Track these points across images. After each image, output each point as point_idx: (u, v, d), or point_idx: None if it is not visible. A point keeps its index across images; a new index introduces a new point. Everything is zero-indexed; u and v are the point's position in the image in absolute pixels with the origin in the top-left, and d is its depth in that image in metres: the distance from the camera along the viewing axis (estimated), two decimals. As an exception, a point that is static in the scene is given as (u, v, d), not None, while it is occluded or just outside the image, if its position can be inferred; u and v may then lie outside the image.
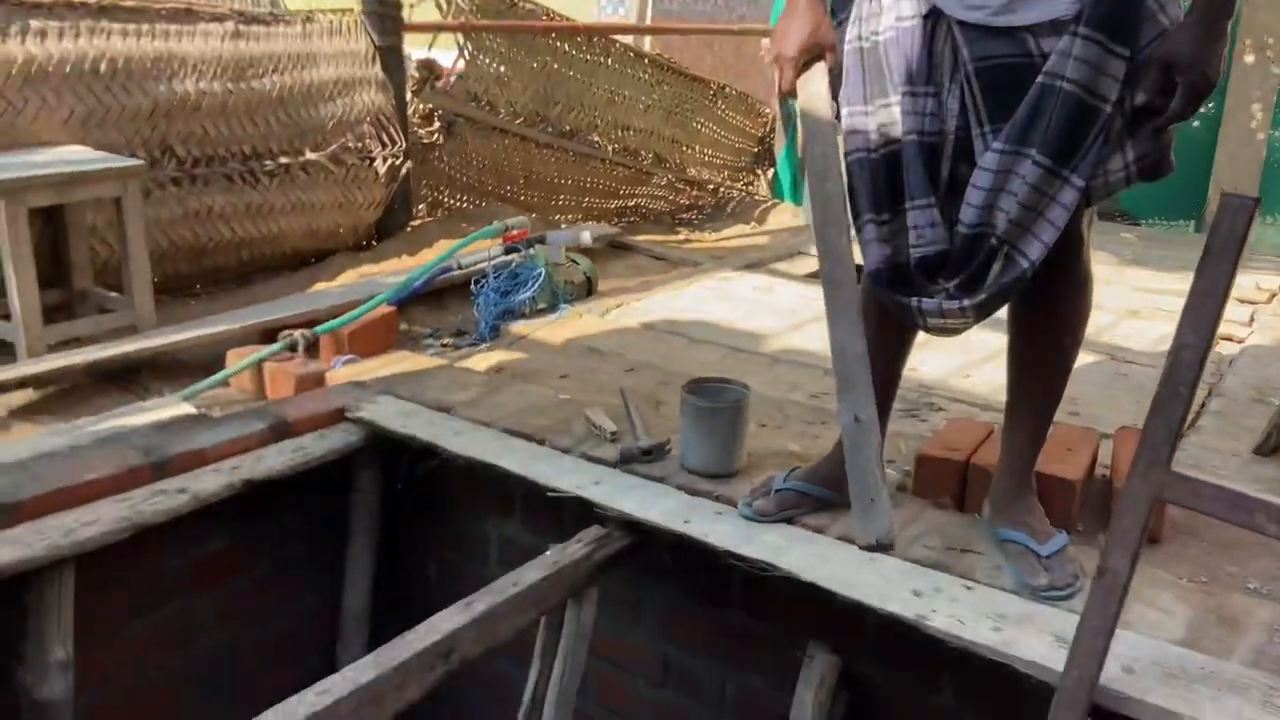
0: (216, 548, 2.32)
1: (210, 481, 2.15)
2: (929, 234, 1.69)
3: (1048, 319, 1.77)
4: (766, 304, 3.77)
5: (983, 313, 1.69)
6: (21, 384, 2.63)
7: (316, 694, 1.47)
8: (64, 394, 2.73)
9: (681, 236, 5.76)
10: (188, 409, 2.51)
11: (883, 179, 1.71)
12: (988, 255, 1.65)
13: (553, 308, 3.56)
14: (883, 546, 1.60)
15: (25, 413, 2.61)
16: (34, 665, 1.91)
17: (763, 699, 2.10)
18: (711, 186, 6.69)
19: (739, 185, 6.95)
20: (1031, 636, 1.57)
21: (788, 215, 6.44)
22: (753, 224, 6.32)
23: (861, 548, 1.66)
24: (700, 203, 6.54)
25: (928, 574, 1.76)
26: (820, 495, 1.97)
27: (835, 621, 1.95)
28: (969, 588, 1.72)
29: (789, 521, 1.96)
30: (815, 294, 3.94)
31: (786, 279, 4.15)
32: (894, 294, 1.76)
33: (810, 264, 4.57)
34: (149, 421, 2.39)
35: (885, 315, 1.84)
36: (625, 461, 2.21)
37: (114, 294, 3.29)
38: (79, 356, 2.77)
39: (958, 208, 1.66)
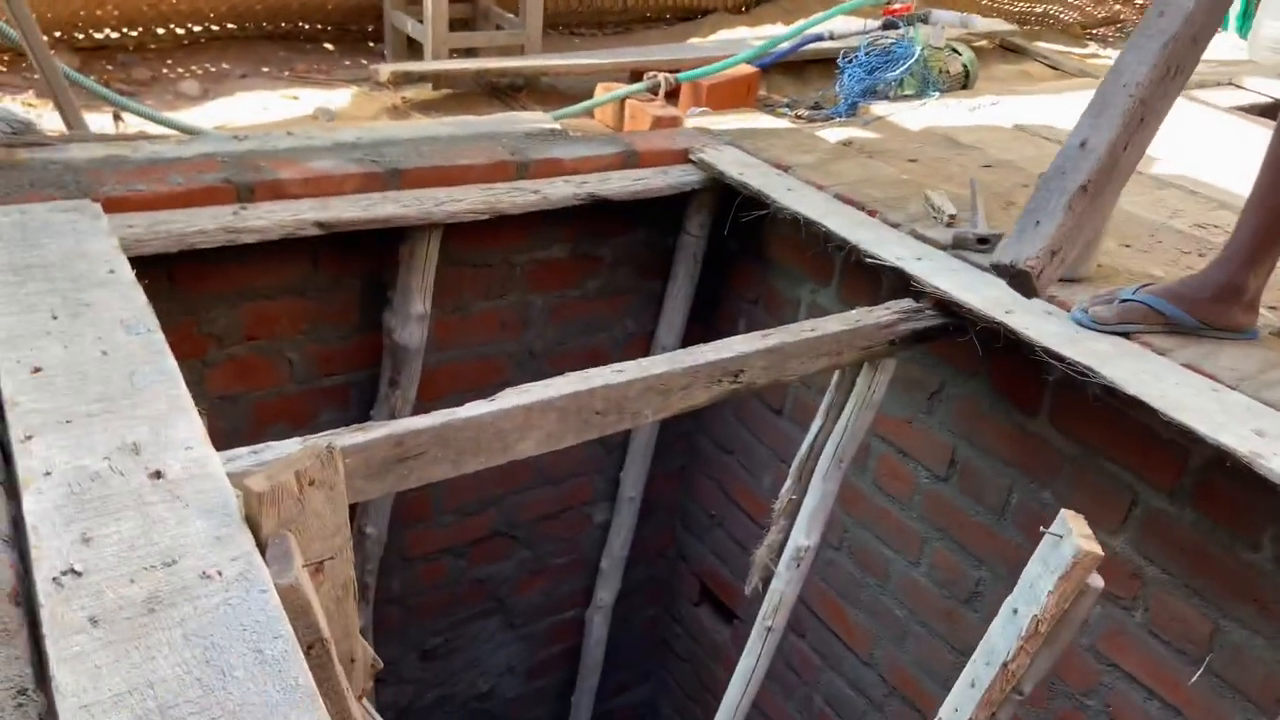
0: (558, 256, 2.53)
1: (560, 189, 2.32)
2: None
3: None
4: (1172, 126, 3.27)
5: None
6: (423, 78, 2.93)
7: (613, 371, 1.60)
8: (455, 97, 3.03)
9: (1088, 50, 5.09)
10: (554, 126, 2.68)
11: None
12: None
13: (920, 95, 3.34)
14: (1014, 273, 1.37)
15: (421, 106, 2.94)
16: (399, 312, 2.23)
17: (1050, 515, 1.99)
18: (1140, 1, 5.79)
19: (1175, 3, 5.95)
20: (1394, 506, 1.33)
21: (1226, 48, 5.46)
22: (1180, 49, 5.43)
23: (989, 266, 1.43)
24: (1122, 17, 5.71)
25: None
26: (1173, 315, 1.76)
27: (1154, 452, 1.78)
28: (1329, 443, 1.47)
29: (1126, 336, 1.77)
30: (1237, 126, 3.37)
31: (1205, 106, 3.56)
32: None
33: (1240, 97, 3.88)
34: (520, 130, 2.59)
35: None
36: (957, 245, 2.09)
37: (510, 15, 3.52)
38: (473, 63, 3.03)
39: None
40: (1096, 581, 1.42)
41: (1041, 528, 1.44)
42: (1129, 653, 1.87)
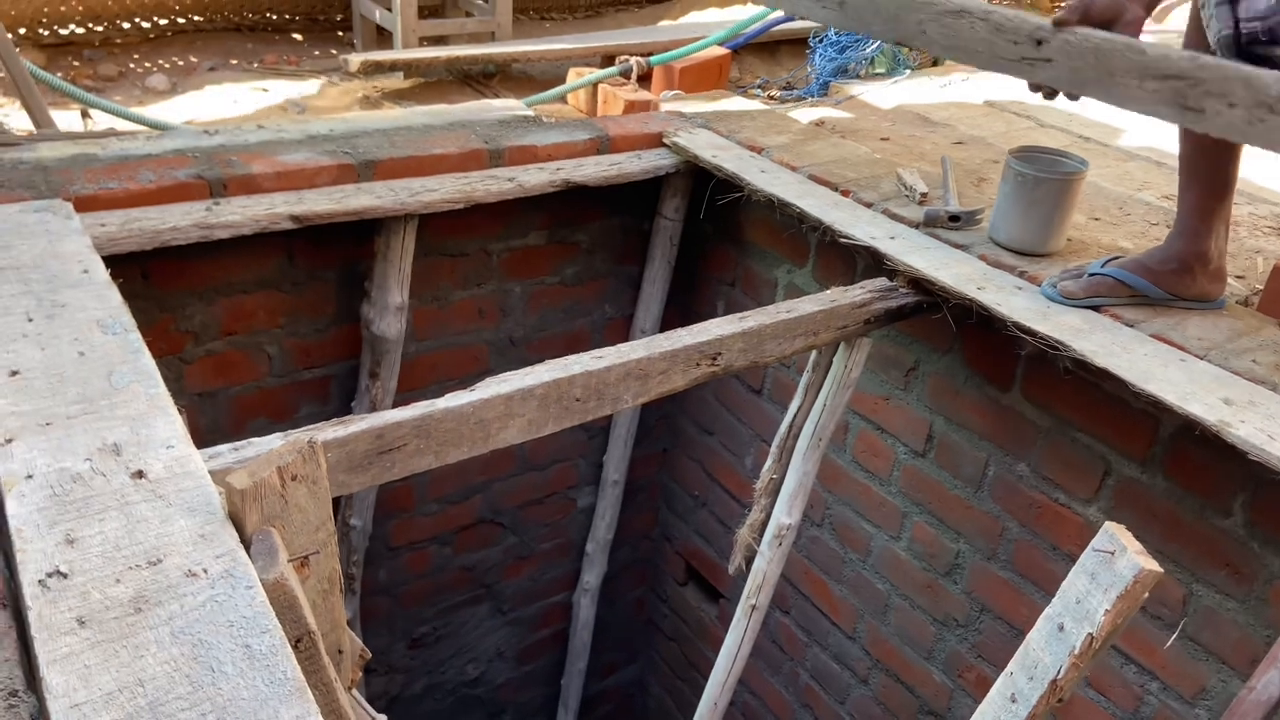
0: (535, 243, 2.54)
1: (535, 176, 2.32)
2: None
3: None
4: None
5: None
6: (394, 67, 2.92)
7: (592, 358, 1.61)
8: (427, 86, 3.02)
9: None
10: (527, 112, 2.68)
11: None
12: None
13: (890, 73, 3.36)
14: None
15: (393, 96, 2.92)
16: (377, 303, 2.23)
17: (1026, 486, 2.03)
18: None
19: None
20: (1356, 469, 1.36)
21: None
22: (1162, 26, 5.46)
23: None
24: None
25: (1248, 386, 1.57)
26: (1140, 288, 1.78)
27: (1125, 423, 1.81)
28: (1293, 409, 1.51)
29: (1095, 310, 1.80)
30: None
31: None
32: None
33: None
34: (493, 117, 2.59)
35: None
36: (929, 223, 2.11)
37: (480, 1, 3.50)
38: (444, 51, 3.02)
39: None
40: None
41: (1092, 547, 1.38)
42: (1105, 619, 1.91)
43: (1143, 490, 1.81)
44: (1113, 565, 1.31)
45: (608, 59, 3.23)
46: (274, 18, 3.82)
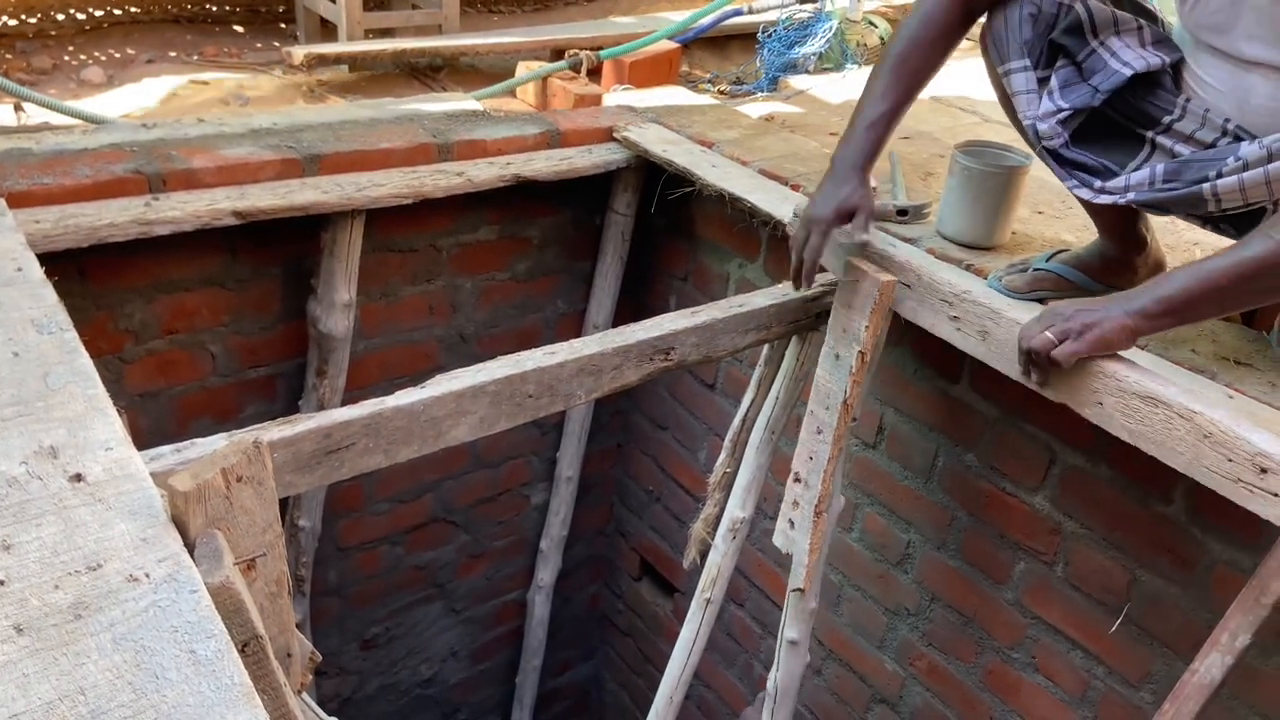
0: (485, 238, 2.52)
1: (485, 171, 2.30)
2: None
3: None
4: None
5: None
6: (339, 60, 2.87)
7: (545, 353, 1.60)
8: (373, 80, 2.97)
9: (1000, 21, 5.20)
10: (475, 106, 2.65)
11: None
12: None
13: (838, 68, 3.38)
14: None
15: (339, 89, 2.88)
16: (324, 300, 2.19)
17: (974, 476, 2.06)
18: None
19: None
20: (1290, 455, 1.40)
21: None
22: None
23: None
24: (1031, -13, 5.84)
25: (1187, 375, 1.60)
26: (1081, 283, 1.82)
27: (1070, 413, 1.84)
28: (1230, 396, 1.55)
29: (1041, 303, 1.83)
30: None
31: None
32: None
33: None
34: (441, 110, 2.56)
35: None
36: (878, 218, 2.12)
37: (426, -6, 3.46)
38: (391, 44, 2.97)
39: None
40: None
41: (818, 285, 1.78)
42: (1052, 606, 1.95)
43: (1087, 478, 1.85)
44: (859, 289, 1.71)
45: (557, 53, 3.21)
46: (214, 9, 3.74)
